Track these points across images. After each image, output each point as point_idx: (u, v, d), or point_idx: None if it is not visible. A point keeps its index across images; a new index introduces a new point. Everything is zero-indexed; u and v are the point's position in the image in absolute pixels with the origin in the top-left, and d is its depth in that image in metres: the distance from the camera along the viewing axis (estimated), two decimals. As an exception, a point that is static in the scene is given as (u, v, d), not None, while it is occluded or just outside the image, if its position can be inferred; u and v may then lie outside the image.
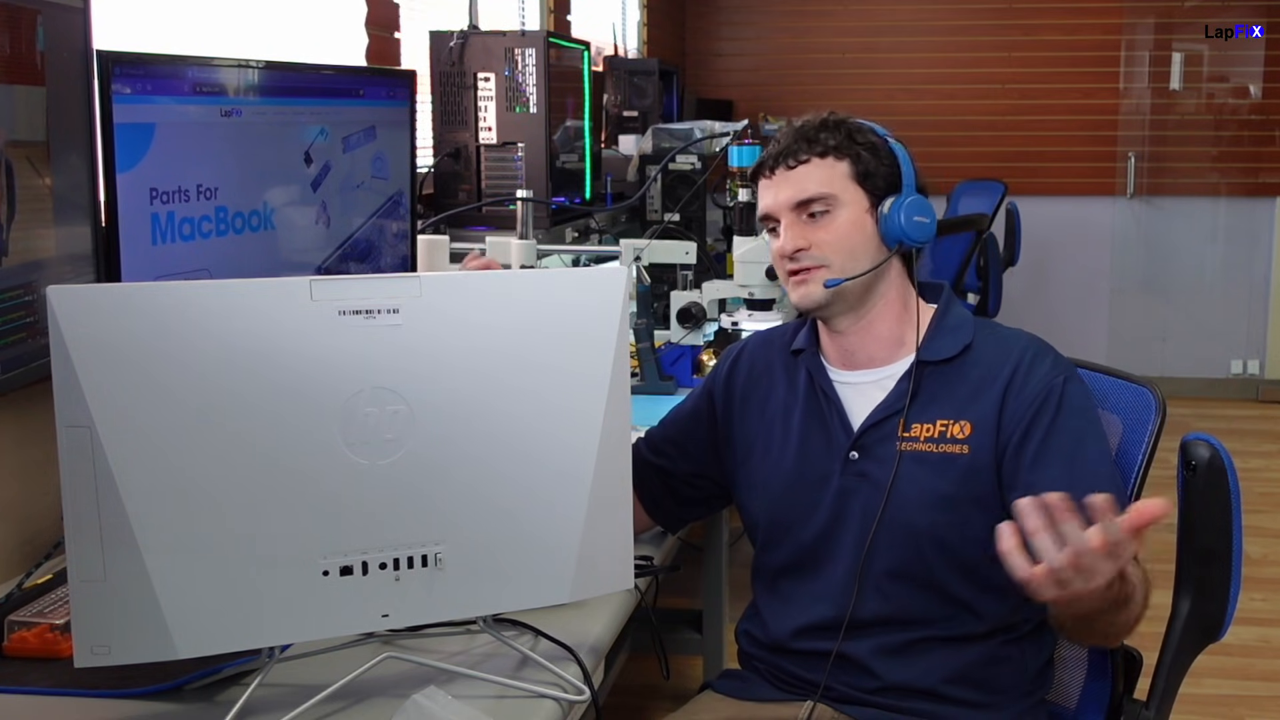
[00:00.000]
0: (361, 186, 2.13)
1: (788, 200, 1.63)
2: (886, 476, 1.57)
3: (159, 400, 1.12)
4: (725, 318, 2.82)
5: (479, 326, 1.24)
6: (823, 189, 1.62)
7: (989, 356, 1.62)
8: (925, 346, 1.64)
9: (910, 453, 1.58)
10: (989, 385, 1.59)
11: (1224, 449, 1.58)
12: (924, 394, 1.61)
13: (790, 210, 1.63)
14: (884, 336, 1.66)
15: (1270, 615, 3.60)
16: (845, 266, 1.62)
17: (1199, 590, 1.61)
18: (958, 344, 1.62)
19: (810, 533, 1.63)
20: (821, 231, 1.62)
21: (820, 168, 1.63)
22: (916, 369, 1.62)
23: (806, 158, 1.63)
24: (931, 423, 1.59)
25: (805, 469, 1.64)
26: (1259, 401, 6.33)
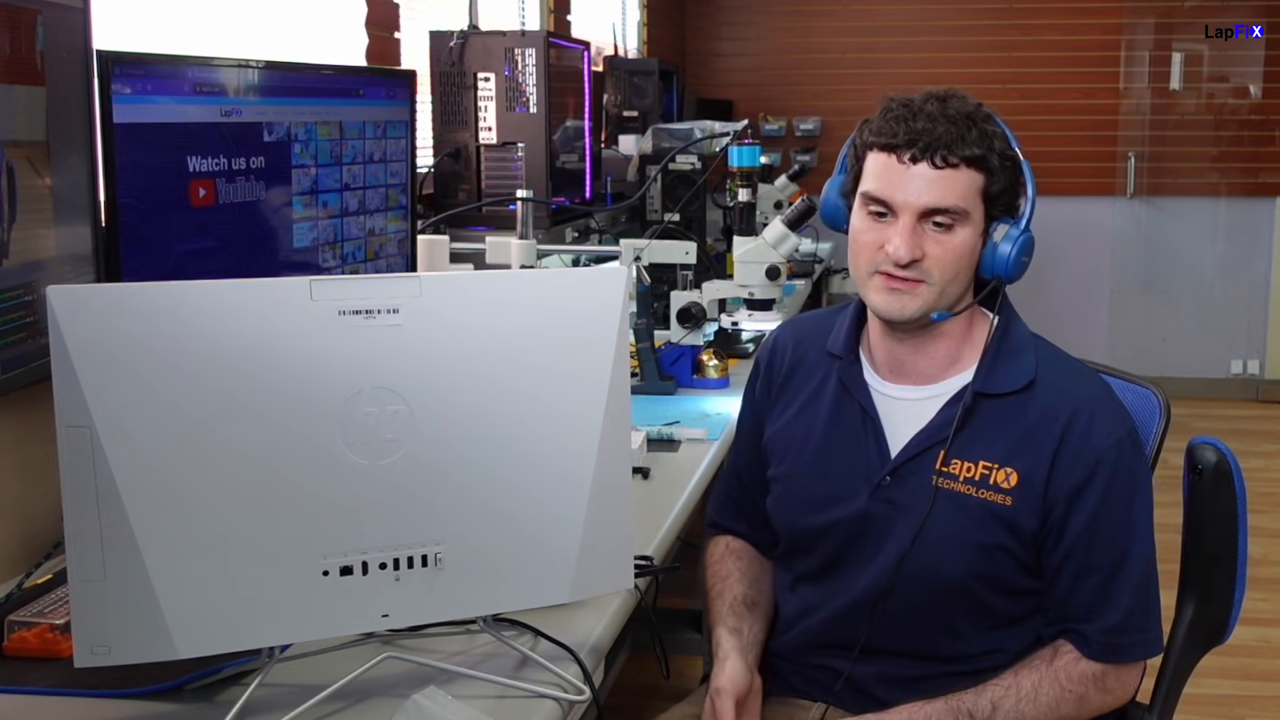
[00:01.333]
0: (361, 186, 2.13)
1: (923, 204, 1.47)
2: (918, 510, 1.50)
3: (159, 400, 1.12)
4: (725, 318, 2.82)
5: (479, 327, 1.24)
6: (960, 203, 1.47)
7: (1048, 399, 1.50)
8: (983, 374, 1.52)
9: (947, 491, 1.50)
10: (1041, 436, 1.49)
11: (1231, 453, 1.58)
12: (971, 427, 1.51)
13: (917, 213, 1.47)
14: (940, 355, 1.55)
15: (1270, 615, 3.60)
16: (946, 289, 1.49)
17: (1203, 594, 1.60)
18: (1019, 378, 1.51)
19: (830, 549, 1.57)
20: (936, 245, 1.48)
21: (964, 177, 1.47)
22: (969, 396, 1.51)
23: (957, 161, 1.46)
24: (974, 462, 1.49)
25: (831, 484, 1.56)
26: (1259, 401, 6.33)
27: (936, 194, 1.46)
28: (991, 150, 1.48)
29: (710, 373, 2.66)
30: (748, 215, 2.85)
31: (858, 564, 1.55)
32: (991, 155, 1.48)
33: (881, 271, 1.49)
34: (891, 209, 1.48)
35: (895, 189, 1.48)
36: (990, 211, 1.50)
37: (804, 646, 1.60)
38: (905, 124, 1.47)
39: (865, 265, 1.52)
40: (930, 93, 1.51)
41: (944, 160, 1.46)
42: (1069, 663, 1.49)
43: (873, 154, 1.51)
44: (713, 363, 2.67)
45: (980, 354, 1.53)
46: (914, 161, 1.47)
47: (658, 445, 2.21)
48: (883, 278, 1.50)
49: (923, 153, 1.46)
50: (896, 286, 1.49)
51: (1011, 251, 1.50)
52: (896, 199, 1.48)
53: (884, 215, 1.49)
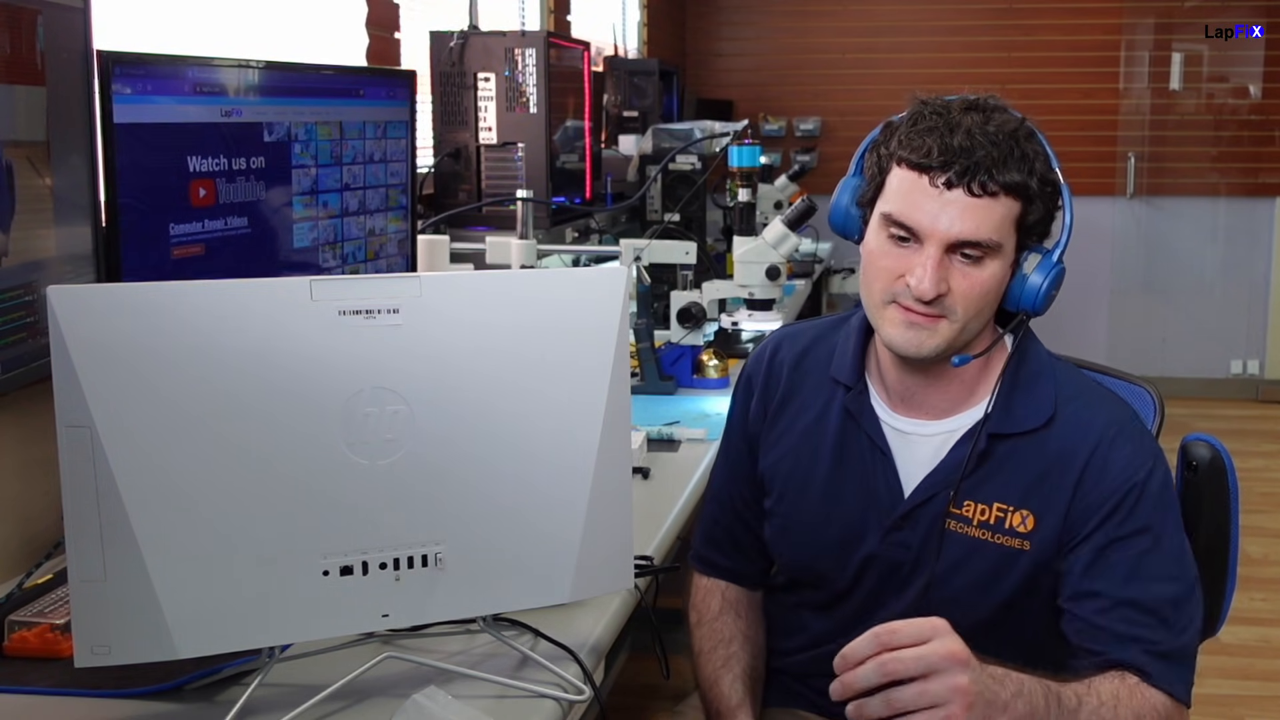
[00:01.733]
0: (362, 186, 2.13)
1: (954, 235, 1.32)
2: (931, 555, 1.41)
3: (159, 400, 1.12)
4: (725, 318, 2.83)
5: (479, 326, 1.24)
6: (994, 236, 1.33)
7: (1066, 433, 1.39)
8: (998, 412, 1.40)
9: (960, 535, 1.41)
10: (1061, 473, 1.38)
11: (1224, 448, 1.59)
12: (985, 466, 1.40)
13: (946, 244, 1.33)
14: (955, 389, 1.43)
15: (1270, 615, 3.60)
16: (968, 325, 1.36)
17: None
18: (1036, 415, 1.40)
19: (839, 588, 1.49)
20: (963, 279, 1.34)
21: (1002, 206, 1.33)
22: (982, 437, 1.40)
23: (996, 190, 1.32)
24: (988, 504, 1.39)
25: (840, 524, 1.47)
26: (1259, 401, 6.33)
27: (971, 225, 1.32)
28: (1033, 175, 1.35)
29: (710, 373, 2.66)
30: (748, 215, 2.85)
31: (869, 606, 1.47)
32: (1032, 181, 1.35)
33: (899, 303, 1.36)
34: (917, 236, 1.34)
35: (924, 215, 1.33)
36: (1022, 240, 1.38)
37: (814, 672, 1.52)
38: (941, 139, 1.33)
39: (881, 293, 1.38)
40: (970, 102, 1.38)
41: (983, 188, 1.32)
42: (1137, 685, 1.33)
43: (900, 169, 1.36)
44: (713, 363, 2.67)
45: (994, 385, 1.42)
46: (949, 187, 1.32)
47: (658, 445, 2.21)
48: (899, 309, 1.37)
49: (960, 177, 1.31)
50: (916, 321, 1.36)
51: (1043, 285, 1.39)
52: (924, 226, 1.33)
53: (907, 241, 1.35)
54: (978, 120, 1.34)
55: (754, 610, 1.63)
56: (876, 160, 1.40)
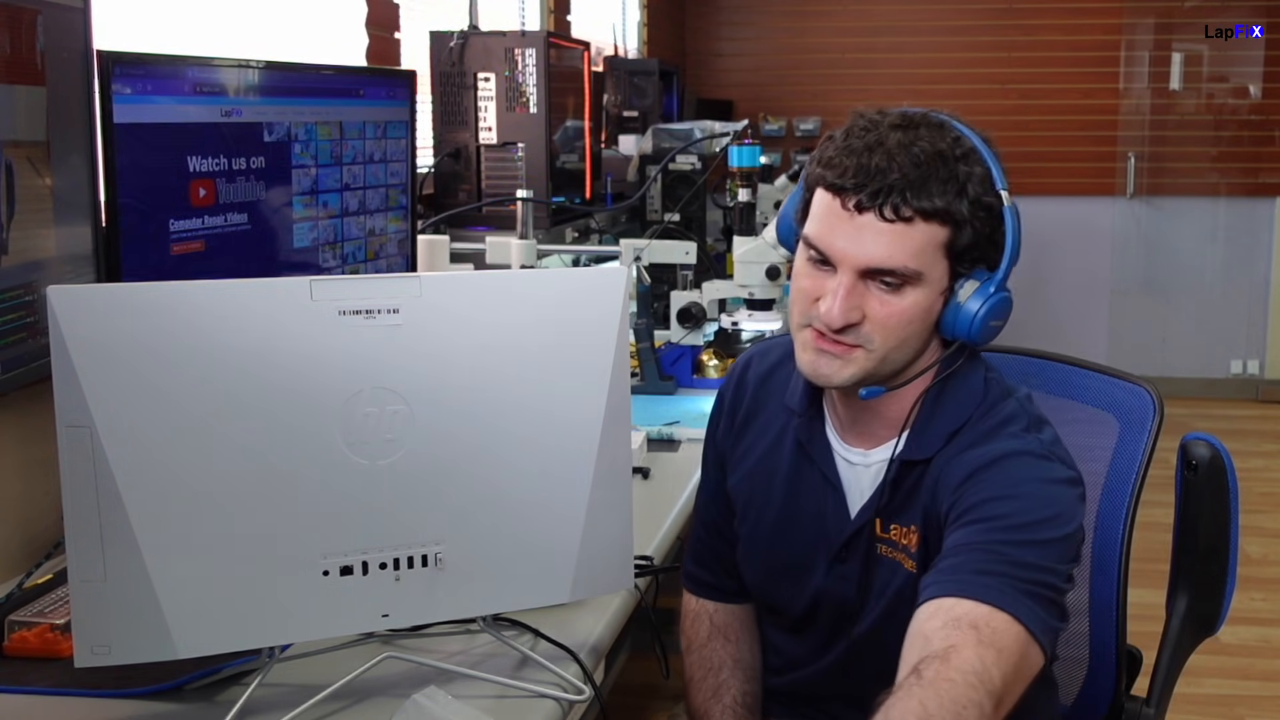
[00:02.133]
0: (362, 186, 2.13)
1: (865, 262, 1.26)
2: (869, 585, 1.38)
3: (159, 400, 1.12)
4: (725, 318, 2.82)
5: (479, 326, 1.24)
6: (910, 264, 1.26)
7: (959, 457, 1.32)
8: (915, 437, 1.35)
9: (890, 561, 1.37)
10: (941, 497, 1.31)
11: (1224, 447, 1.59)
12: (903, 491, 1.36)
13: (857, 271, 1.27)
14: (893, 415, 1.37)
15: (1270, 615, 3.60)
16: (888, 356, 1.30)
17: (1197, 587, 1.62)
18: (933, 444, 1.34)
19: (798, 614, 1.47)
20: (880, 306, 1.28)
21: (919, 233, 1.25)
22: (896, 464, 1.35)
23: (911, 215, 1.25)
24: (908, 526, 1.36)
25: (794, 553, 1.44)
26: (1259, 401, 6.33)
27: (883, 252, 1.26)
28: (962, 198, 1.26)
29: (710, 373, 2.66)
30: (748, 215, 2.85)
31: (826, 633, 1.46)
32: (960, 204, 1.26)
33: (814, 328, 1.31)
34: (830, 263, 1.29)
35: (836, 240, 1.27)
36: (956, 267, 1.30)
37: (798, 697, 1.53)
38: (858, 160, 1.26)
39: (798, 316, 1.33)
40: (903, 118, 1.30)
41: (895, 212, 1.25)
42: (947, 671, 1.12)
43: (820, 190, 1.30)
44: (713, 363, 2.67)
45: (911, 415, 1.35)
46: (859, 210, 1.26)
47: (658, 445, 2.21)
48: (813, 334, 1.31)
49: (871, 200, 1.25)
50: (826, 349, 1.30)
51: (979, 312, 1.29)
52: (836, 252, 1.27)
53: (825, 265, 1.29)
54: (902, 140, 1.26)
55: (746, 629, 1.59)
56: (807, 178, 1.35)
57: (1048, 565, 1.22)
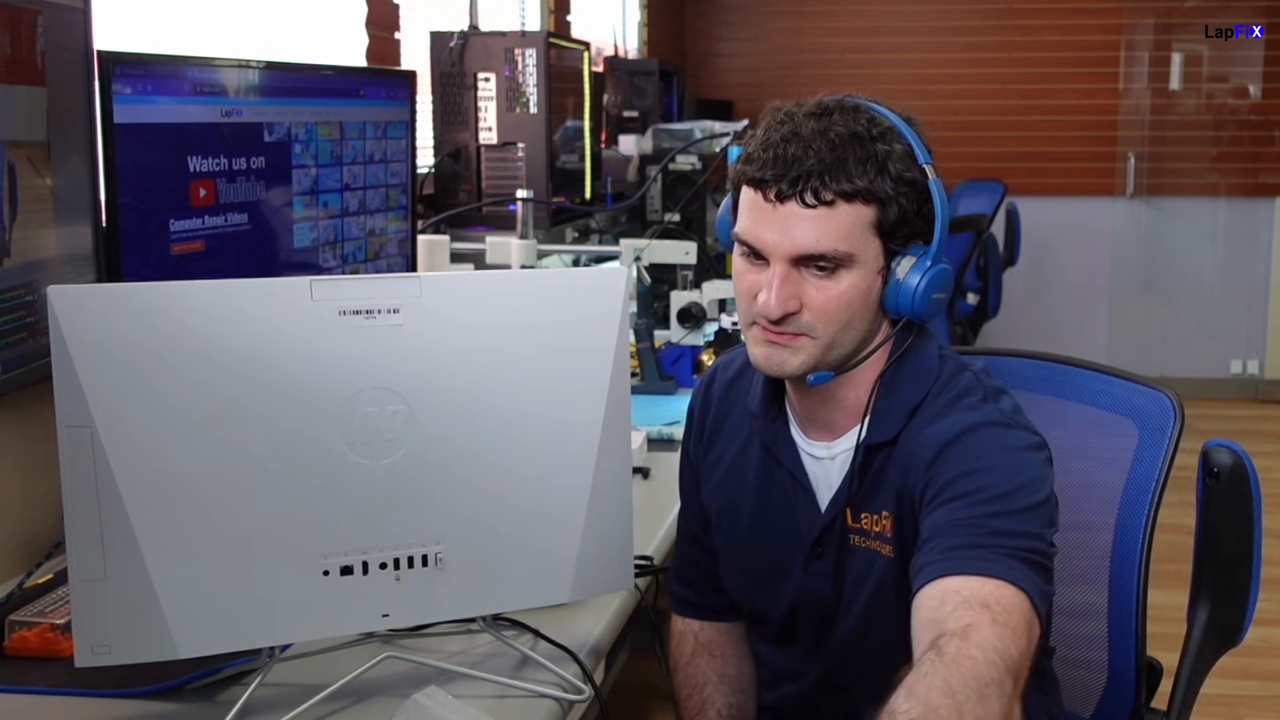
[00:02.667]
0: (362, 186, 2.13)
1: (793, 249, 1.27)
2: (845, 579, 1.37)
3: (159, 400, 1.12)
4: (725, 318, 2.82)
5: (479, 326, 1.24)
6: (839, 246, 1.26)
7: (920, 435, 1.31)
8: (872, 421, 1.34)
9: (865, 550, 1.36)
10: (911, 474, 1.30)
11: (1246, 454, 1.56)
12: (870, 477, 1.35)
13: (788, 260, 1.28)
14: (850, 403, 1.36)
15: (1271, 615, 3.60)
16: (835, 341, 1.30)
17: (1220, 597, 1.58)
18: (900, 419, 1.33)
19: (781, 620, 1.46)
20: (817, 292, 1.28)
21: (844, 214, 1.26)
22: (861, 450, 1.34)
23: (832, 198, 1.25)
24: (878, 514, 1.34)
25: (769, 557, 1.43)
26: (1259, 401, 6.33)
27: (809, 238, 1.26)
28: (883, 176, 1.26)
29: (710, 373, 2.66)
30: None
31: (809, 639, 1.44)
32: (882, 182, 1.26)
33: (758, 323, 1.31)
34: (761, 256, 1.30)
35: (762, 232, 1.28)
36: (889, 245, 1.29)
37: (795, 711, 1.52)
38: (774, 152, 1.27)
39: (744, 314, 1.34)
40: (819, 105, 1.32)
41: (816, 197, 1.25)
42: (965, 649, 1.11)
43: (746, 186, 1.31)
44: (712, 362, 2.67)
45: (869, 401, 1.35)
46: (780, 200, 1.26)
47: (658, 445, 2.21)
48: (760, 329, 1.31)
49: (791, 188, 1.25)
50: (774, 340, 1.30)
51: (919, 287, 1.29)
52: (766, 244, 1.28)
53: (759, 259, 1.30)
54: (816, 127, 1.28)
55: (733, 646, 1.58)
56: (733, 177, 1.35)
57: (1033, 532, 1.22)
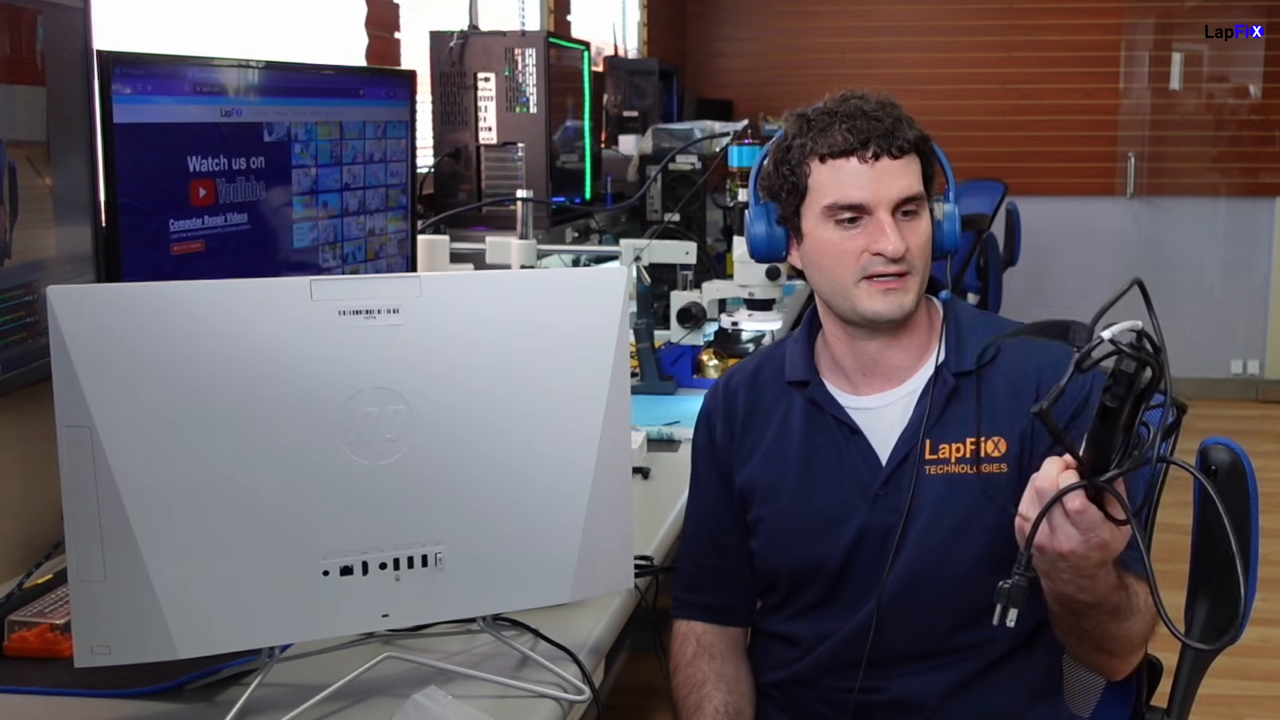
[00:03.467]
0: (361, 186, 2.13)
1: (893, 196, 1.46)
2: (921, 504, 1.47)
3: (159, 400, 1.12)
4: (725, 318, 2.82)
5: (479, 326, 1.24)
6: (918, 188, 1.48)
7: (1014, 362, 1.51)
8: (951, 354, 1.52)
9: (944, 476, 1.48)
10: (1017, 396, 1.48)
11: (1243, 452, 1.57)
12: (948, 410, 1.50)
13: (892, 207, 1.46)
14: (910, 345, 1.53)
15: (1270, 615, 3.60)
16: (923, 275, 1.50)
17: (1218, 594, 1.59)
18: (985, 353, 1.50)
19: (836, 570, 1.52)
20: (912, 234, 1.47)
21: (913, 164, 1.48)
22: (938, 384, 1.50)
23: (908, 148, 1.47)
24: (961, 441, 1.48)
25: (824, 506, 1.52)
26: (1259, 401, 6.33)
27: (904, 183, 1.47)
28: (919, 136, 1.51)
29: (710, 373, 2.66)
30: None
31: (869, 577, 1.50)
32: (920, 140, 1.50)
33: (870, 276, 1.47)
34: (866, 209, 1.46)
35: (865, 189, 1.46)
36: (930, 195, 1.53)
37: (822, 670, 1.55)
38: (846, 124, 1.47)
39: (850, 275, 1.48)
40: (844, 95, 1.52)
41: (900, 150, 1.47)
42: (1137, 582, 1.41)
43: (821, 166, 1.48)
44: (713, 363, 2.67)
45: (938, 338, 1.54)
46: (876, 158, 1.46)
47: (658, 445, 2.21)
48: (870, 282, 1.47)
49: (882, 146, 1.46)
50: (892, 286, 1.46)
51: (954, 224, 1.57)
52: (869, 198, 1.46)
53: (856, 220, 1.47)
54: (860, 102, 1.49)
55: (733, 650, 1.64)
56: (785, 175, 1.52)
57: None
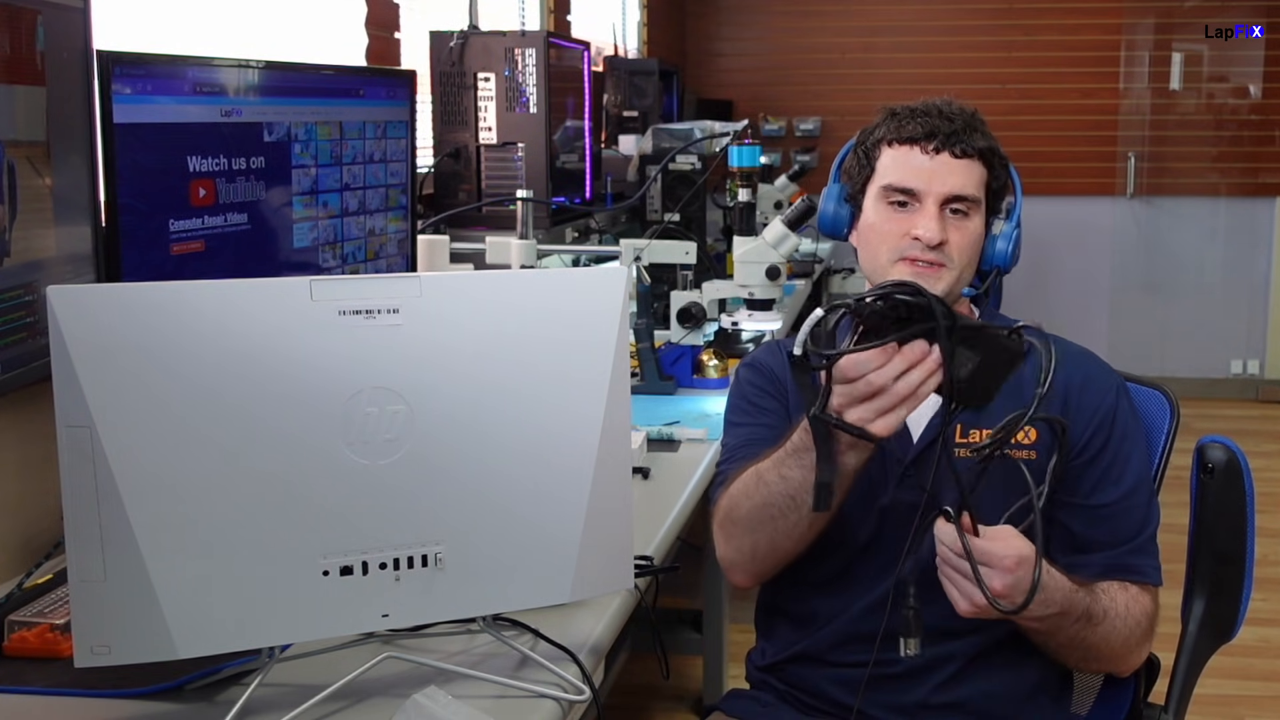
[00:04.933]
0: (361, 186, 2.13)
1: (946, 190, 1.56)
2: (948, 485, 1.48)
3: (159, 400, 1.12)
4: (725, 318, 2.83)
5: (479, 327, 1.24)
6: (975, 192, 1.57)
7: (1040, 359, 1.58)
8: None
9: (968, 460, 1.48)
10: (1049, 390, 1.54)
11: (1240, 450, 1.59)
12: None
13: (941, 199, 1.56)
14: None
15: (1270, 615, 3.60)
16: (963, 274, 1.57)
17: (1214, 592, 1.61)
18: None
19: (864, 541, 1.57)
20: (956, 232, 1.56)
21: (976, 168, 1.58)
22: None
23: (973, 152, 1.57)
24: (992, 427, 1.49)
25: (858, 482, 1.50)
26: (1259, 401, 6.33)
27: (958, 181, 1.55)
28: (991, 148, 1.59)
29: (710, 373, 2.66)
30: (748, 215, 2.85)
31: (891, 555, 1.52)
32: (992, 152, 1.59)
33: (906, 258, 1.56)
34: (916, 196, 1.56)
35: (919, 177, 1.56)
36: (992, 208, 1.60)
37: (831, 644, 1.58)
38: (922, 119, 1.57)
39: (888, 253, 1.57)
40: (930, 100, 1.62)
41: (963, 151, 1.56)
42: (1138, 592, 1.52)
43: (890, 150, 1.59)
44: (713, 363, 2.67)
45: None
46: (937, 151, 1.56)
47: (658, 445, 2.21)
48: (906, 264, 1.56)
49: (945, 143, 1.55)
50: (922, 271, 1.54)
51: (1009, 246, 1.61)
52: (921, 186, 1.56)
53: (905, 205, 1.57)
54: (942, 104, 1.60)
55: None
56: (861, 156, 1.64)
57: None
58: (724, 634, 2.97)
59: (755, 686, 1.70)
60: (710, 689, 2.98)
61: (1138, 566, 1.54)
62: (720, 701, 1.71)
